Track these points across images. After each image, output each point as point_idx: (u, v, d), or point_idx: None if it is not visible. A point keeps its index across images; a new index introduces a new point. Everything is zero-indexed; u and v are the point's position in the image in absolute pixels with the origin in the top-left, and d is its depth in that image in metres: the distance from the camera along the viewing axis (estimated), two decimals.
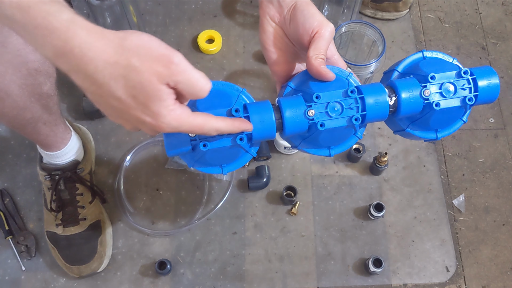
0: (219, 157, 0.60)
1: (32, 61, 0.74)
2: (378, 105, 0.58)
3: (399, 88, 0.58)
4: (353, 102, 0.58)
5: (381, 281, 1.03)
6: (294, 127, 0.58)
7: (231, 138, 0.57)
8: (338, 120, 0.58)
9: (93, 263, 0.98)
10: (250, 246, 1.05)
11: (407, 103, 0.58)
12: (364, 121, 0.59)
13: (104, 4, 1.00)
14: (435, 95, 0.59)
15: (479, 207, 1.11)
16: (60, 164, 0.98)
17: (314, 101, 0.57)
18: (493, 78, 0.61)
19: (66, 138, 0.96)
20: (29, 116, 0.81)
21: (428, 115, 0.60)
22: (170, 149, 0.57)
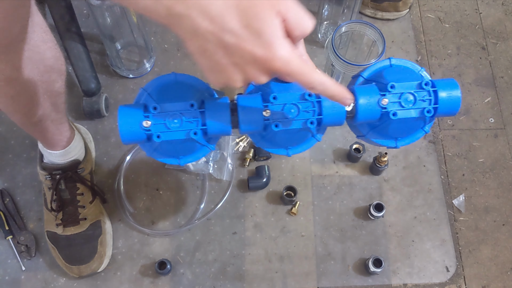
0: (175, 150, 0.61)
1: (48, 58, 0.74)
2: (334, 109, 0.59)
3: (358, 94, 0.59)
4: (309, 105, 0.59)
5: (381, 281, 1.03)
6: (249, 125, 0.59)
7: (186, 132, 0.58)
8: (293, 122, 0.59)
9: (93, 263, 0.98)
10: (250, 246, 1.05)
11: (364, 110, 0.59)
12: (321, 124, 0.60)
13: (104, 4, 1.00)
14: (394, 105, 0.60)
15: (479, 207, 1.11)
16: (62, 163, 0.98)
17: (271, 102, 0.58)
18: (454, 91, 0.61)
19: (70, 137, 0.96)
20: (40, 113, 0.81)
21: (386, 124, 0.61)
22: (125, 140, 0.58)
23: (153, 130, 0.57)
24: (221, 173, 1.09)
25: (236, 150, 1.12)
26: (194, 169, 1.08)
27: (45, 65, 0.75)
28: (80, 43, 1.09)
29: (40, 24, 0.70)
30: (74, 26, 1.09)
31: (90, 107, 1.11)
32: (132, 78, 1.19)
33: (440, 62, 1.26)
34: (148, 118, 0.57)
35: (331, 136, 1.14)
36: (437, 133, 1.17)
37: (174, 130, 0.58)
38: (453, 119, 1.19)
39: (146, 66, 1.19)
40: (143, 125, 0.57)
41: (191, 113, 0.58)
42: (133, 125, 0.57)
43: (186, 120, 0.58)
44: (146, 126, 0.57)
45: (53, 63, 0.77)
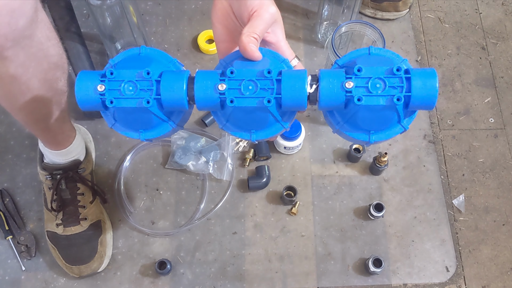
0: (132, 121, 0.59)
1: (52, 55, 0.74)
2: (295, 89, 0.55)
3: (321, 77, 0.55)
4: (268, 83, 0.55)
5: (381, 281, 1.03)
6: (204, 100, 0.56)
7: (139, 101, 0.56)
8: (249, 100, 0.55)
9: (93, 263, 0.98)
10: (250, 246, 1.05)
11: (326, 93, 0.55)
12: (281, 106, 0.56)
13: (104, 4, 1.00)
14: (360, 90, 0.54)
15: (479, 207, 1.11)
16: (63, 163, 0.98)
17: (228, 76, 0.55)
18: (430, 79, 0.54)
19: (72, 136, 0.97)
20: (44, 112, 0.81)
21: (354, 111, 0.56)
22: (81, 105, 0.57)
23: (107, 95, 0.56)
24: (221, 173, 1.09)
25: (236, 150, 1.12)
26: (194, 169, 1.08)
27: (49, 62, 0.74)
28: (80, 43, 1.09)
29: (44, 21, 0.70)
30: (74, 26, 1.09)
31: None
32: None
33: (440, 62, 1.26)
34: (103, 82, 0.56)
35: (331, 136, 1.14)
36: (437, 133, 1.17)
37: (128, 97, 0.56)
38: (453, 119, 1.19)
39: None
40: (97, 89, 0.56)
41: (146, 82, 0.56)
42: (88, 88, 0.56)
43: (140, 88, 0.56)
44: (100, 91, 0.56)
45: (57, 60, 0.77)
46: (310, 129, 1.15)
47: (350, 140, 0.62)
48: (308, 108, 1.16)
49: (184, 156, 1.08)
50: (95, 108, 0.58)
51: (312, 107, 1.16)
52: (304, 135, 1.08)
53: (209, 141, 1.11)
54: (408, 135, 1.16)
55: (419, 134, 1.16)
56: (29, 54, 0.69)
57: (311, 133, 1.15)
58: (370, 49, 0.59)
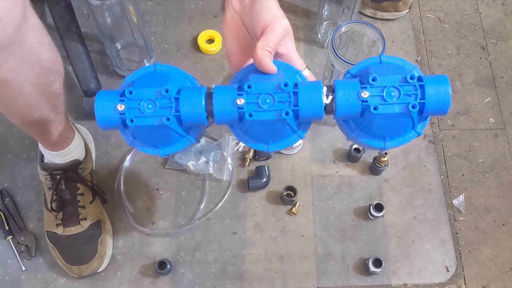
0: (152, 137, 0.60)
1: (45, 60, 0.74)
2: (311, 101, 0.56)
3: (337, 87, 0.57)
4: (285, 96, 0.57)
5: (381, 281, 1.03)
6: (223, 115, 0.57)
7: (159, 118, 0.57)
8: (267, 113, 0.57)
9: (93, 263, 0.98)
10: (250, 246, 1.05)
11: (343, 103, 0.56)
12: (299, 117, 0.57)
13: (104, 4, 1.00)
14: (375, 99, 0.56)
15: (479, 207, 1.11)
16: (62, 163, 0.98)
17: (246, 91, 0.57)
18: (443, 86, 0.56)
19: (70, 137, 0.97)
20: (38, 115, 0.81)
21: (369, 120, 0.58)
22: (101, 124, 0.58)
23: (127, 114, 0.57)
24: (221, 173, 1.09)
25: (236, 150, 1.12)
26: (194, 169, 1.08)
27: (42, 66, 0.74)
28: (80, 43, 1.09)
29: (36, 26, 0.70)
30: (74, 26, 1.09)
31: (90, 107, 1.11)
32: None
33: (440, 62, 1.26)
34: (122, 102, 0.57)
35: (331, 136, 1.14)
36: (437, 133, 1.17)
37: (148, 115, 0.57)
38: (453, 119, 1.19)
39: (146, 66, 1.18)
40: (117, 108, 0.57)
41: (165, 99, 0.57)
42: (108, 108, 0.57)
43: (160, 106, 0.57)
44: (120, 110, 0.57)
45: (50, 64, 0.77)
46: (310, 129, 1.14)
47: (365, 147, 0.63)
48: None
49: (184, 156, 1.08)
50: (115, 127, 0.59)
51: None
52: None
53: (209, 141, 1.11)
54: None
55: None
56: (20, 59, 0.69)
57: (311, 133, 1.15)
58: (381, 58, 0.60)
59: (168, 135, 0.59)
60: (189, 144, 0.62)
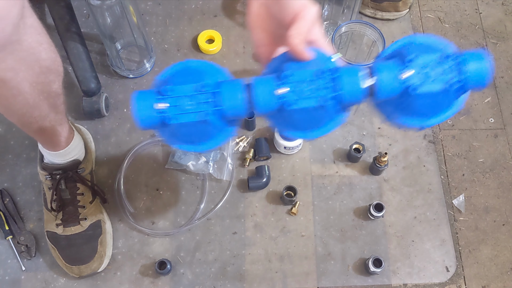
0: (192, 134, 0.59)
1: (44, 59, 0.74)
2: (351, 85, 0.56)
3: (376, 69, 0.56)
4: (326, 82, 0.56)
5: (381, 281, 1.03)
6: (264, 106, 0.57)
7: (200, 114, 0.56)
8: (309, 100, 0.56)
9: (93, 263, 0.98)
10: (250, 246, 1.05)
11: (383, 86, 0.56)
12: (339, 102, 0.57)
13: (104, 4, 1.00)
14: (415, 78, 0.55)
15: (479, 207, 1.11)
16: (62, 163, 0.98)
17: (285, 80, 0.56)
18: (481, 61, 0.56)
19: (70, 137, 0.96)
20: (37, 114, 0.81)
21: (409, 101, 0.57)
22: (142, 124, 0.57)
23: (167, 113, 0.56)
24: (221, 173, 1.09)
25: (236, 150, 1.12)
26: (194, 169, 1.08)
27: (41, 66, 0.74)
28: (80, 43, 1.09)
29: (34, 26, 0.70)
30: (74, 26, 1.09)
31: (90, 107, 1.11)
32: (132, 78, 1.19)
33: None
34: (161, 100, 0.56)
35: (331, 136, 1.14)
36: (437, 133, 1.17)
37: (188, 112, 0.56)
38: (453, 119, 1.19)
39: (146, 66, 1.19)
40: (157, 107, 0.56)
41: (205, 94, 0.56)
42: (147, 108, 0.56)
43: (200, 102, 0.56)
44: (160, 109, 0.56)
45: (50, 64, 0.77)
46: None
47: (403, 128, 0.62)
48: None
49: (184, 156, 1.08)
50: (155, 127, 0.58)
51: None
52: None
53: None
54: (408, 135, 1.16)
55: (419, 134, 1.16)
56: (18, 59, 0.69)
57: None
58: (414, 37, 0.60)
59: (208, 130, 0.58)
60: (227, 138, 0.61)
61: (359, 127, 1.16)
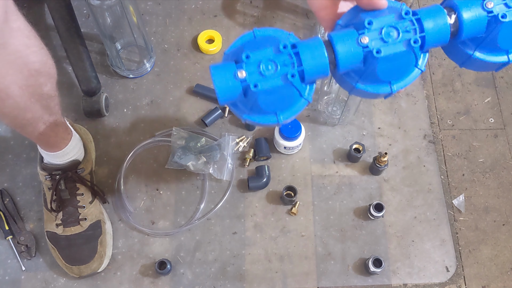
0: (272, 102, 0.56)
1: (33, 62, 0.74)
2: (436, 25, 0.54)
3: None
4: (408, 24, 0.54)
5: (381, 281, 1.03)
6: (348, 60, 0.54)
7: (281, 76, 0.54)
8: (395, 46, 0.54)
9: (93, 263, 0.98)
10: (250, 246, 1.05)
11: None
12: (424, 44, 0.55)
13: (104, 4, 1.00)
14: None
15: (479, 207, 1.11)
16: (61, 164, 0.98)
17: (366, 27, 0.54)
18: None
19: (67, 138, 0.96)
20: (30, 117, 0.81)
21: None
22: (222, 98, 0.54)
23: (248, 80, 0.54)
24: (221, 173, 1.09)
25: (236, 150, 1.12)
26: (194, 169, 1.08)
27: (30, 69, 0.74)
28: (80, 43, 1.09)
29: (21, 29, 0.70)
30: (74, 26, 1.09)
31: (90, 107, 1.11)
32: (132, 78, 1.19)
33: (440, 62, 1.26)
34: (241, 68, 0.54)
35: (331, 136, 1.14)
36: (437, 133, 1.17)
37: (270, 76, 0.54)
38: (453, 119, 1.19)
39: (146, 66, 1.19)
40: (238, 75, 0.54)
41: (285, 56, 0.54)
42: (228, 78, 0.54)
43: (281, 64, 0.54)
44: (241, 77, 0.53)
45: (39, 67, 0.76)
46: (310, 129, 1.15)
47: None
48: (308, 108, 1.16)
49: (184, 156, 1.08)
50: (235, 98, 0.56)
51: (312, 106, 1.17)
52: (304, 135, 1.08)
53: (209, 141, 1.11)
54: (408, 135, 1.16)
55: (419, 134, 1.16)
56: (5, 62, 0.68)
57: (311, 133, 1.15)
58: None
59: (290, 95, 0.56)
60: (306, 105, 0.59)
61: (359, 127, 1.16)
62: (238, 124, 1.15)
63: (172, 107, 1.16)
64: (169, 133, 1.13)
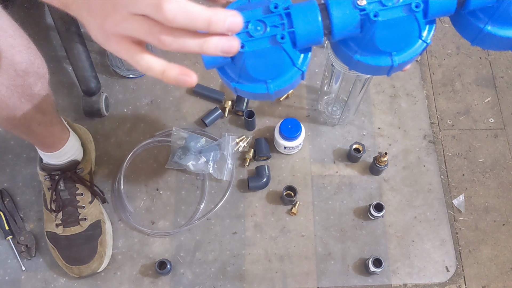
0: (262, 68, 0.53)
1: (19, 63, 0.73)
2: None
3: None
4: None
5: (381, 281, 1.03)
6: (343, 23, 0.50)
7: (270, 38, 0.50)
8: (395, 10, 0.50)
9: (93, 263, 0.98)
10: (250, 246, 1.05)
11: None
12: (428, 11, 0.51)
13: None
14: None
15: (479, 207, 1.11)
16: (59, 164, 0.98)
17: None
18: None
19: (64, 138, 0.96)
20: (21, 117, 0.80)
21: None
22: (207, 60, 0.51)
23: None
24: (221, 173, 1.09)
25: (236, 150, 1.12)
26: (194, 169, 1.08)
27: (16, 69, 0.73)
28: (80, 43, 1.09)
29: (5, 29, 0.69)
30: (74, 26, 1.09)
31: (90, 107, 1.11)
32: (132, 78, 1.19)
33: (440, 62, 1.26)
34: None
35: (331, 136, 1.14)
36: (437, 133, 1.17)
37: (259, 37, 0.50)
38: (453, 119, 1.19)
39: None
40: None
41: (275, 17, 0.51)
42: None
43: (270, 25, 0.50)
44: None
45: (26, 67, 0.74)
46: (310, 129, 1.15)
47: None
48: (308, 108, 1.16)
49: (184, 156, 1.08)
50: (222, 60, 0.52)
51: (312, 106, 1.16)
52: (304, 135, 1.08)
53: (209, 141, 1.11)
54: (408, 135, 1.16)
55: (419, 134, 1.16)
56: None
57: (311, 133, 1.15)
58: None
59: (277, 62, 0.53)
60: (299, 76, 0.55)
61: (359, 127, 1.16)
62: (238, 124, 1.15)
63: (172, 107, 1.16)
64: (169, 133, 1.13)
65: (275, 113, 1.16)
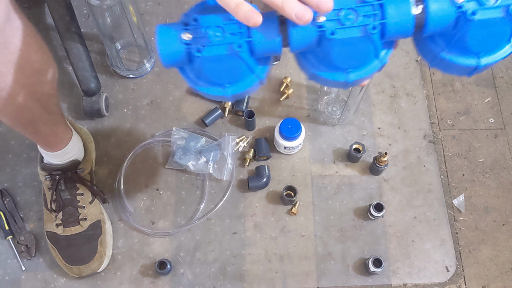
0: (219, 73, 0.54)
1: (35, 61, 0.74)
2: (399, 13, 0.50)
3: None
4: (369, 9, 0.50)
5: (381, 281, 1.03)
6: (301, 38, 0.51)
7: (228, 45, 0.51)
8: (352, 30, 0.50)
9: (93, 263, 0.98)
10: (250, 246, 1.05)
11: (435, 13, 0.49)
12: (385, 33, 0.51)
13: (104, 4, 1.00)
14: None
15: (479, 207, 1.11)
16: (61, 164, 0.98)
17: None
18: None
19: (67, 138, 0.96)
20: (29, 116, 0.81)
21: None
22: (164, 58, 0.53)
23: (193, 44, 0.51)
24: (221, 173, 1.09)
25: (236, 150, 1.12)
26: (194, 169, 1.08)
27: (31, 68, 0.74)
28: (80, 43, 1.09)
29: (22, 28, 0.70)
30: (74, 26, 1.09)
31: (90, 107, 1.11)
32: (132, 78, 1.19)
33: None
34: (188, 30, 0.51)
35: (331, 136, 1.14)
36: (437, 133, 1.17)
37: (217, 43, 0.51)
38: (453, 119, 1.19)
39: (146, 66, 1.19)
40: (182, 38, 0.51)
41: (235, 25, 0.52)
42: (172, 41, 0.52)
43: (229, 32, 0.51)
44: (185, 39, 0.51)
45: (40, 66, 0.76)
46: (310, 129, 1.15)
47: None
48: (308, 108, 1.16)
49: (184, 156, 1.08)
50: (180, 62, 0.54)
51: (312, 106, 1.16)
52: (304, 135, 1.08)
53: (209, 141, 1.11)
54: (408, 135, 1.16)
55: (419, 134, 1.16)
56: (6, 61, 0.68)
57: (311, 133, 1.15)
58: None
59: (237, 67, 0.54)
60: (256, 83, 0.56)
61: (359, 127, 1.16)
62: (238, 124, 1.15)
63: (172, 107, 1.16)
64: (169, 133, 1.13)
65: (275, 113, 1.16)
